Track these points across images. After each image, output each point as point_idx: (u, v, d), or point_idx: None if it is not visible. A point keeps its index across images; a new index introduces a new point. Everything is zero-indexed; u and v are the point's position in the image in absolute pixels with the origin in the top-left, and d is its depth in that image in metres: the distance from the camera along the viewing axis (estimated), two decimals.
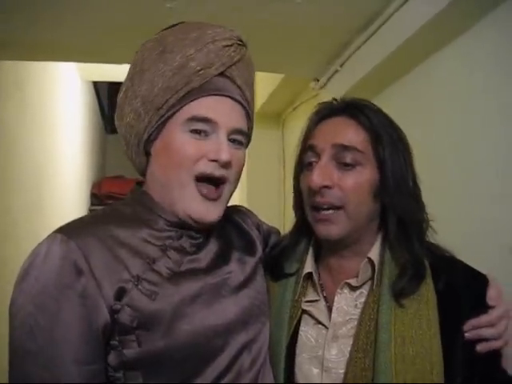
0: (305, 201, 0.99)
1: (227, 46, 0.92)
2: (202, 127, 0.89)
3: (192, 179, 0.89)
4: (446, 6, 1.55)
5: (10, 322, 0.81)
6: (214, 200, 0.91)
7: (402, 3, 1.83)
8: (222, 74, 0.91)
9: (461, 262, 0.97)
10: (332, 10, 1.99)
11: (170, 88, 0.88)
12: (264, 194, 3.89)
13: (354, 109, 0.97)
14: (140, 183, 0.99)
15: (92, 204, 5.33)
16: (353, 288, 0.97)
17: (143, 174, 0.97)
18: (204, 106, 0.89)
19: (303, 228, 1.03)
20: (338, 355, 0.92)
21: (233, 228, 1.02)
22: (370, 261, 0.96)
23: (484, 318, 0.89)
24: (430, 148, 1.79)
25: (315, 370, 0.94)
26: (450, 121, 1.78)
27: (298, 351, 0.96)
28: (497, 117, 1.54)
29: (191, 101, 0.89)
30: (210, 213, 0.91)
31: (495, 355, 0.90)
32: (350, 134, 0.95)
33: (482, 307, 0.90)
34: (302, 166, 1.00)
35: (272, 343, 0.96)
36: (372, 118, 0.95)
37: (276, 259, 1.04)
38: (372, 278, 0.95)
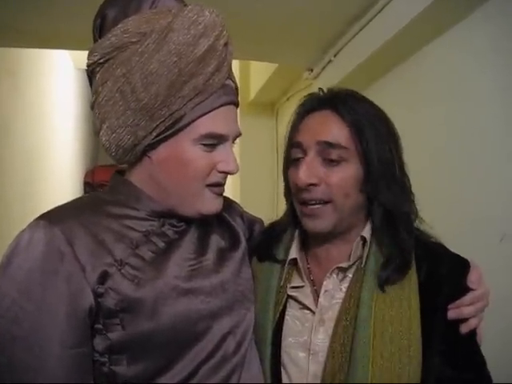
0: (293, 195, 1.01)
1: (226, 43, 0.89)
2: (213, 142, 0.89)
3: (204, 187, 0.91)
4: None
5: None
6: (221, 194, 0.95)
7: None
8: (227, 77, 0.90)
9: (444, 249, 0.99)
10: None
11: (182, 96, 0.84)
12: (257, 182, 3.90)
13: (337, 102, 0.97)
14: (120, 172, 0.98)
15: (85, 192, 5.31)
16: (343, 270, 0.98)
17: (122, 163, 0.95)
18: (218, 121, 0.88)
19: (292, 216, 1.04)
20: (324, 339, 0.94)
21: (214, 217, 1.02)
22: (363, 239, 0.98)
23: (465, 298, 0.93)
24: (423, 137, 1.79)
25: (302, 354, 0.95)
26: (444, 110, 1.79)
27: (284, 336, 0.97)
28: (492, 106, 1.55)
29: (205, 113, 0.86)
30: (219, 206, 0.95)
31: (471, 333, 0.94)
32: (334, 130, 0.95)
33: (463, 290, 0.93)
34: (290, 161, 1.01)
35: (258, 328, 0.98)
36: (355, 111, 0.95)
37: (265, 244, 1.06)
38: (361, 258, 0.97)
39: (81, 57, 4.15)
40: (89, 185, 5.39)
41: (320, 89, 1.04)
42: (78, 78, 4.98)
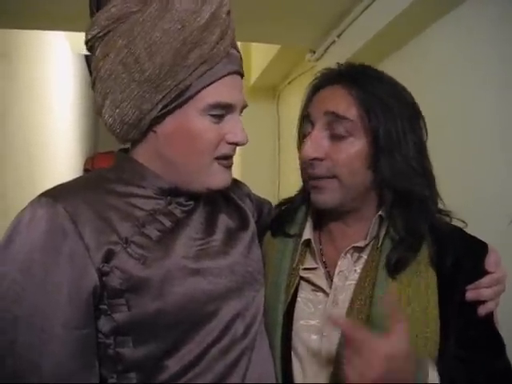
0: (301, 172, 0.99)
1: (228, 11, 0.86)
2: (221, 112, 0.86)
3: (212, 160, 0.88)
4: None
5: None
6: (230, 167, 0.93)
7: None
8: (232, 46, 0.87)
9: (463, 232, 0.96)
10: None
11: (187, 66, 0.81)
12: (258, 167, 3.87)
13: (348, 77, 0.95)
14: (124, 150, 0.96)
15: None
16: (358, 250, 0.96)
17: (126, 141, 0.92)
18: (225, 90, 0.85)
19: (305, 195, 1.02)
20: None
21: (221, 197, 1.00)
22: (380, 218, 0.95)
23: (484, 280, 0.91)
24: (428, 117, 1.76)
25: (314, 336, 0.93)
26: (449, 90, 1.76)
27: (295, 318, 0.95)
28: (496, 85, 1.52)
29: (212, 83, 0.84)
30: (228, 179, 0.92)
31: (488, 316, 0.93)
32: (342, 103, 0.93)
33: (481, 273, 0.92)
34: (301, 137, 1.00)
35: (269, 310, 0.96)
36: (365, 87, 0.93)
37: (279, 221, 1.04)
38: (376, 237, 0.95)
39: (78, 41, 4.11)
40: (88, 172, 5.37)
41: (337, 63, 1.02)
42: (75, 63, 4.92)
